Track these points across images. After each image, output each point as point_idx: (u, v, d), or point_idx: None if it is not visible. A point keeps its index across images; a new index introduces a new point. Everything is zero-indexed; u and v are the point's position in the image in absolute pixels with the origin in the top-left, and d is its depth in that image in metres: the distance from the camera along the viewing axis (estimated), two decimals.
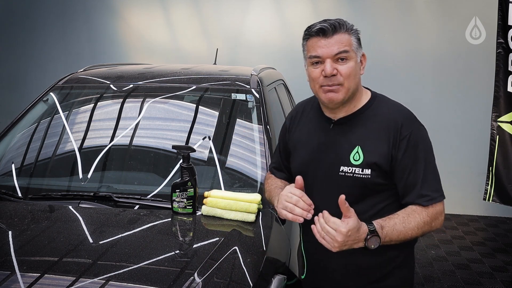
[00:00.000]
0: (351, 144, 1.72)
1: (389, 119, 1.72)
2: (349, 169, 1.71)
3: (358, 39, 1.73)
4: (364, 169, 1.69)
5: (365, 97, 1.79)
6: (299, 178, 1.71)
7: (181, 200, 2.12)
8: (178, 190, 2.12)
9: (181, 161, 2.17)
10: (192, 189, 2.13)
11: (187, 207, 2.13)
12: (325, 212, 1.60)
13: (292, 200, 1.68)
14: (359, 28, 1.76)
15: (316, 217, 1.63)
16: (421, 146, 1.71)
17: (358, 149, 1.71)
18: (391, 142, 1.69)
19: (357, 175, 1.70)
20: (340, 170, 1.72)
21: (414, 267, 1.92)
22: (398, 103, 1.82)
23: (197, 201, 2.14)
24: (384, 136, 1.70)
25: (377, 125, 1.72)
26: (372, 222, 1.62)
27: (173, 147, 2.29)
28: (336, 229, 1.55)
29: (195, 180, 2.14)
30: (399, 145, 1.68)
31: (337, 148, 1.75)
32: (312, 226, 1.63)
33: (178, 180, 2.14)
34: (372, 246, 1.60)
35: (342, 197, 1.57)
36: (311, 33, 1.70)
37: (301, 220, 1.67)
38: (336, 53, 1.67)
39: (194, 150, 2.21)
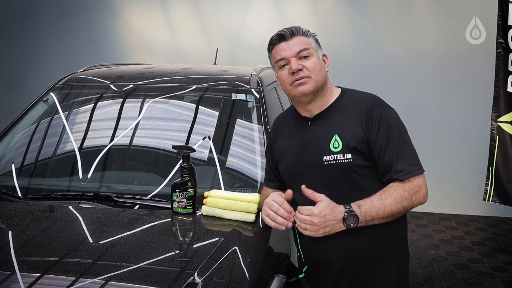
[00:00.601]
0: (329, 134, 1.83)
1: (360, 105, 1.84)
2: (331, 157, 1.80)
3: (317, 41, 1.91)
4: (345, 154, 1.79)
5: (336, 92, 1.93)
6: (289, 192, 1.83)
7: (181, 200, 2.12)
8: (178, 190, 2.11)
9: (181, 161, 2.17)
10: (192, 189, 2.13)
11: (187, 207, 2.13)
12: (299, 207, 1.75)
13: (273, 208, 1.79)
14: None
15: (294, 214, 1.77)
16: (393, 125, 1.80)
17: (336, 137, 1.81)
18: (364, 125, 1.79)
19: (339, 161, 1.79)
20: (324, 160, 1.81)
21: (409, 254, 1.98)
22: (367, 92, 1.93)
23: (197, 201, 2.14)
24: (357, 121, 1.81)
25: (350, 113, 1.84)
26: (350, 204, 1.74)
27: (173, 147, 2.29)
28: (311, 214, 1.71)
29: (195, 180, 2.14)
30: (371, 127, 1.79)
31: (317, 142, 1.85)
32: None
33: (178, 180, 2.14)
34: (352, 225, 1.72)
35: (303, 186, 1.75)
36: (273, 41, 1.90)
37: (283, 228, 1.79)
38: (298, 51, 1.83)
39: (194, 150, 2.21)
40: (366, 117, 1.80)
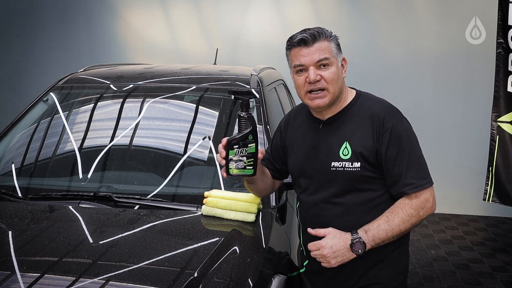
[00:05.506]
0: (339, 140, 1.81)
1: (372, 114, 1.80)
2: (340, 164, 1.79)
3: (338, 45, 1.82)
4: (354, 163, 1.78)
5: (350, 96, 1.88)
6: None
7: (240, 158, 1.75)
8: (237, 146, 1.73)
9: (238, 110, 1.81)
10: (254, 145, 1.75)
11: (247, 167, 1.77)
12: (308, 244, 1.80)
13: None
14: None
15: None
16: (404, 138, 1.77)
17: (346, 144, 1.80)
18: (375, 135, 1.77)
19: (347, 169, 1.78)
20: (332, 166, 1.81)
21: (409, 256, 1.98)
22: (382, 99, 1.89)
23: (252, 161, 1.82)
24: (368, 130, 1.78)
25: (362, 120, 1.81)
26: (357, 230, 1.75)
27: (229, 92, 1.97)
28: (319, 247, 1.76)
29: (256, 134, 1.76)
30: (382, 138, 1.76)
31: (327, 146, 1.83)
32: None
33: (236, 135, 1.76)
34: (360, 251, 1.73)
35: (309, 229, 1.81)
36: (293, 43, 1.79)
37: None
38: (317, 60, 1.75)
39: (253, 95, 1.90)
40: (377, 128, 1.77)
